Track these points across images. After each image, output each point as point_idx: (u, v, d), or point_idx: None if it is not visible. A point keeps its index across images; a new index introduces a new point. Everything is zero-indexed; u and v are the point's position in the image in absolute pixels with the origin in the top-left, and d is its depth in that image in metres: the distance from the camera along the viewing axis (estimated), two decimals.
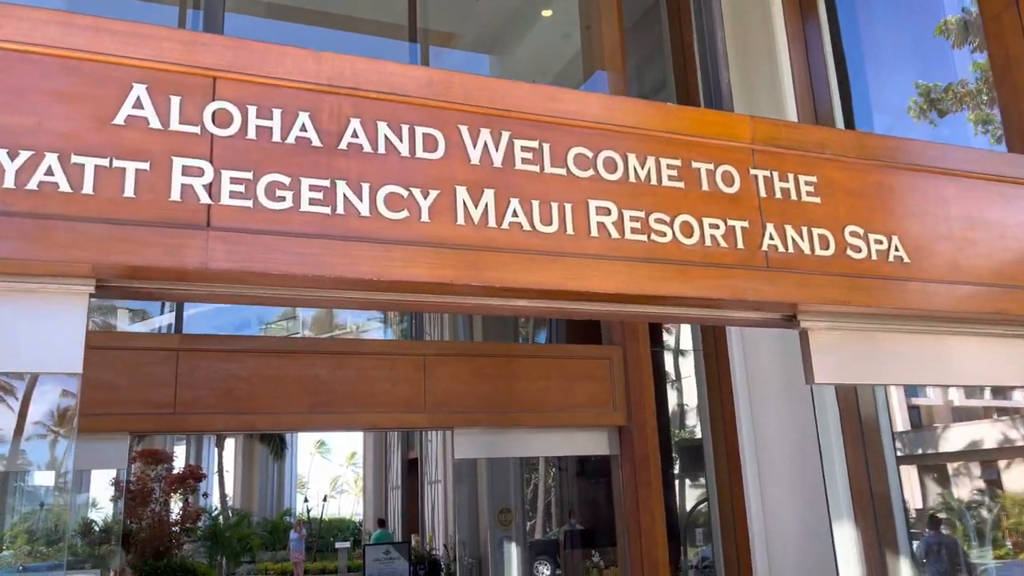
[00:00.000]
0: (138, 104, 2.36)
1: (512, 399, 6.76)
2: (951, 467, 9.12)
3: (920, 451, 9.02)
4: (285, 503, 31.93)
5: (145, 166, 2.32)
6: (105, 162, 2.28)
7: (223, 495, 26.43)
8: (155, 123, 2.36)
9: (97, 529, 18.01)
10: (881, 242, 3.20)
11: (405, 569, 12.56)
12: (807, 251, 3.05)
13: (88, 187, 2.25)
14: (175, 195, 2.33)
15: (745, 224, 3.00)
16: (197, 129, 2.41)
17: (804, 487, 7.04)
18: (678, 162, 2.96)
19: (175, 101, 2.39)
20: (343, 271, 2.41)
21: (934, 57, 7.44)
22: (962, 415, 9.32)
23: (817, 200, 3.15)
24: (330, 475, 62.53)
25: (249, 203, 2.39)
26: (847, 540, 6.52)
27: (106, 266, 2.25)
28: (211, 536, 19.60)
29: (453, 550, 12.74)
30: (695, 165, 2.99)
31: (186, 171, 2.35)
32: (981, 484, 8.98)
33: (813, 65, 7.14)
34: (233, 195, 2.38)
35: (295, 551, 21.67)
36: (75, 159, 2.25)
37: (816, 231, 3.11)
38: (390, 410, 6.38)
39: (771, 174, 3.09)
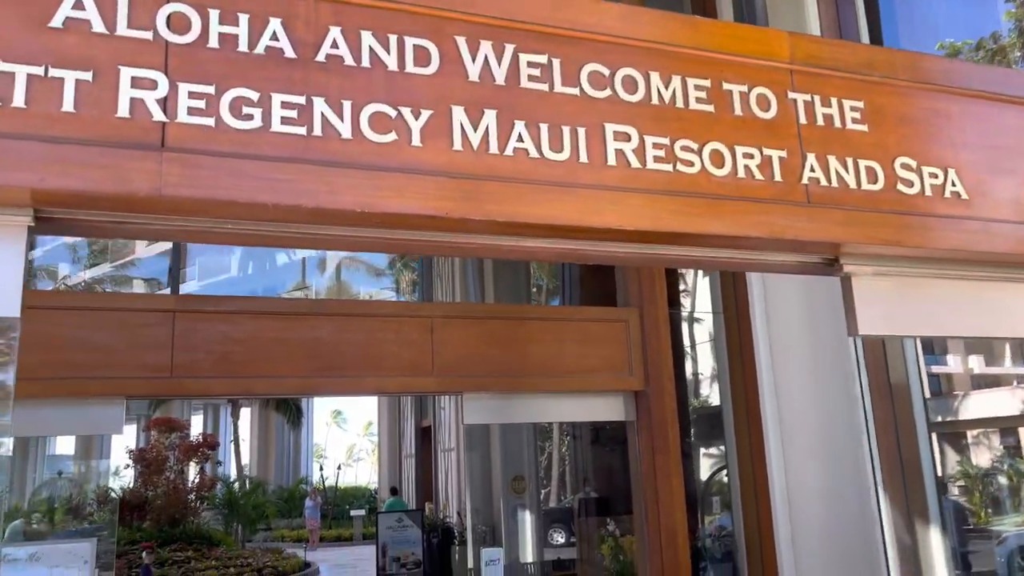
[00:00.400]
0: (79, 4, 2.01)
1: (524, 363, 6.44)
2: (971, 435, 8.79)
3: (940, 419, 8.68)
4: (301, 472, 32.05)
5: (87, 76, 1.98)
6: (39, 71, 1.94)
7: (239, 464, 26.48)
8: (99, 26, 2.02)
9: (115, 496, 18.00)
10: (936, 176, 2.82)
11: (418, 536, 12.37)
12: (852, 185, 2.68)
13: (20, 99, 1.91)
14: (123, 111, 1.98)
15: (783, 154, 2.62)
16: (149, 35, 2.06)
17: (830, 453, 6.70)
18: (707, 83, 2.58)
19: (123, 1, 2.04)
20: (321, 201, 2.07)
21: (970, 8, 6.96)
22: (983, 383, 8.96)
23: (864, 128, 2.77)
24: (346, 444, 63.01)
25: (211, 121, 2.05)
26: (875, 508, 6.19)
27: (44, 192, 1.92)
28: (227, 504, 19.59)
29: (466, 518, 12.52)
30: (726, 87, 2.62)
31: (136, 83, 2.01)
32: (1001, 451, 8.64)
33: (843, 18, 6.67)
34: (192, 112, 2.04)
35: (310, 518, 21.68)
36: (2, 67, 1.91)
37: (862, 163, 2.73)
38: (397, 374, 6.08)
39: (812, 98, 2.71)
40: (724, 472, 9.09)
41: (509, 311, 6.88)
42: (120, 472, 19.83)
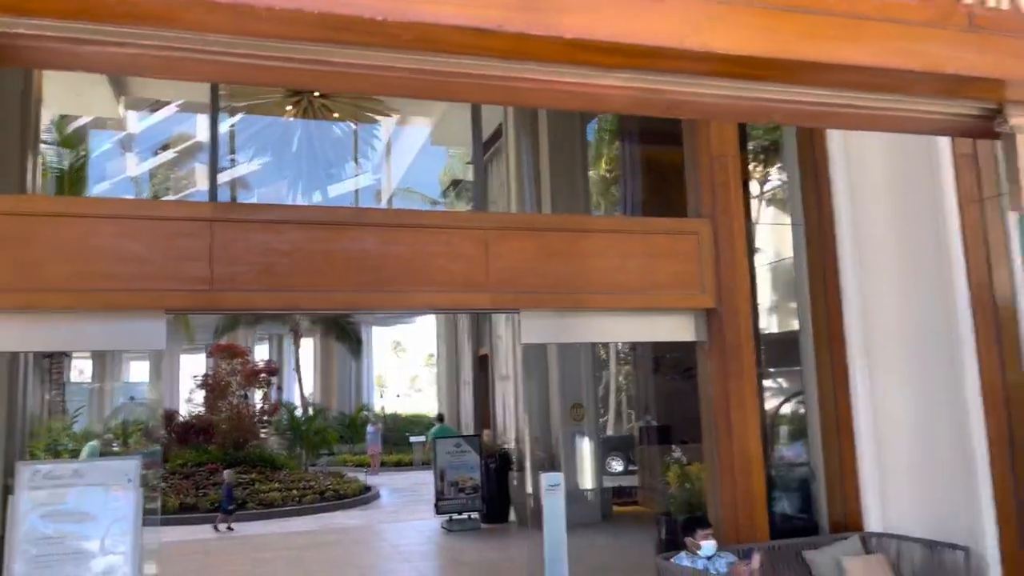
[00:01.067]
0: None
1: (585, 279, 5.90)
2: None
3: None
4: (363, 400, 32.47)
5: None
6: None
7: (301, 391, 26.88)
8: None
9: (182, 420, 18.34)
10: None
11: (476, 462, 12.17)
12: None
13: None
14: None
15: None
16: None
17: (924, 381, 6.04)
18: None
19: None
20: (329, 4, 1.53)
21: None
22: None
23: None
24: (407, 374, 63.96)
25: None
26: (975, 439, 5.54)
27: None
28: (290, 429, 19.83)
29: (524, 444, 12.25)
30: None
31: None
32: None
33: None
34: None
35: (372, 444, 21.87)
36: None
37: None
38: (448, 289, 5.60)
39: None
40: (796, 400, 8.49)
41: (569, 222, 6.31)
42: (191, 398, 20.22)
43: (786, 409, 8.62)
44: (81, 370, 43.88)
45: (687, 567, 5.23)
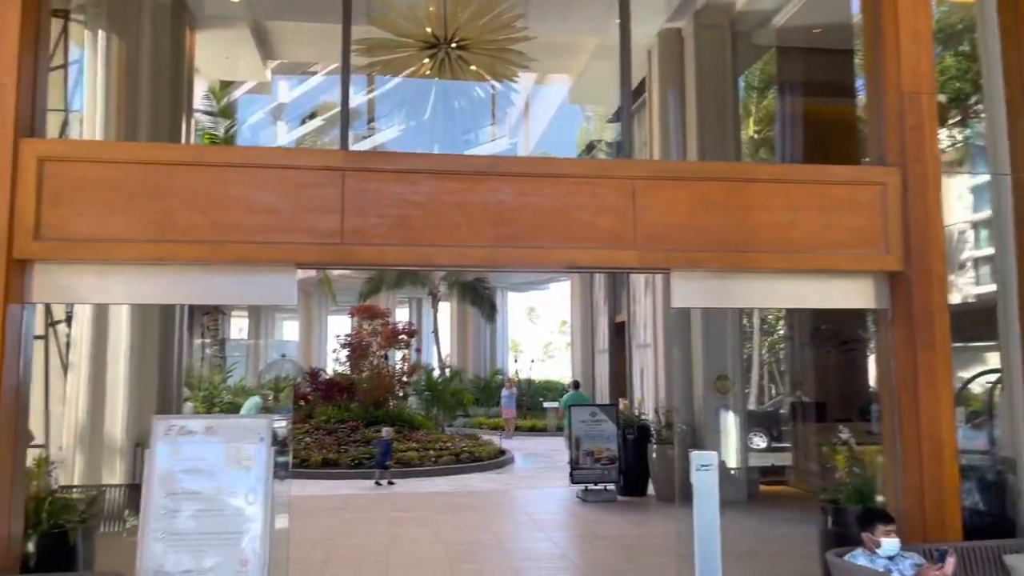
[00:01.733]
0: None
1: (746, 235, 5.17)
2: None
3: None
4: (497, 364, 32.65)
5: None
6: None
7: (439, 353, 27.23)
8: None
9: (327, 378, 18.89)
10: None
11: (612, 432, 11.64)
12: None
13: None
14: None
15: None
16: None
17: None
18: None
19: None
20: None
21: None
22: None
23: None
24: (541, 341, 64.24)
25: None
26: None
27: None
28: (427, 389, 20.06)
29: (665, 416, 11.58)
30: None
31: None
32: None
33: None
34: None
35: (507, 408, 21.83)
36: None
37: None
38: (592, 245, 5.05)
39: None
40: (987, 380, 7.36)
41: (729, 170, 5.55)
42: (336, 356, 20.77)
43: (973, 389, 7.51)
44: (241, 328, 46.90)
45: (865, 568, 4.49)
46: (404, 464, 14.43)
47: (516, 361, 29.42)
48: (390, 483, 13.07)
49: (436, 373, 21.43)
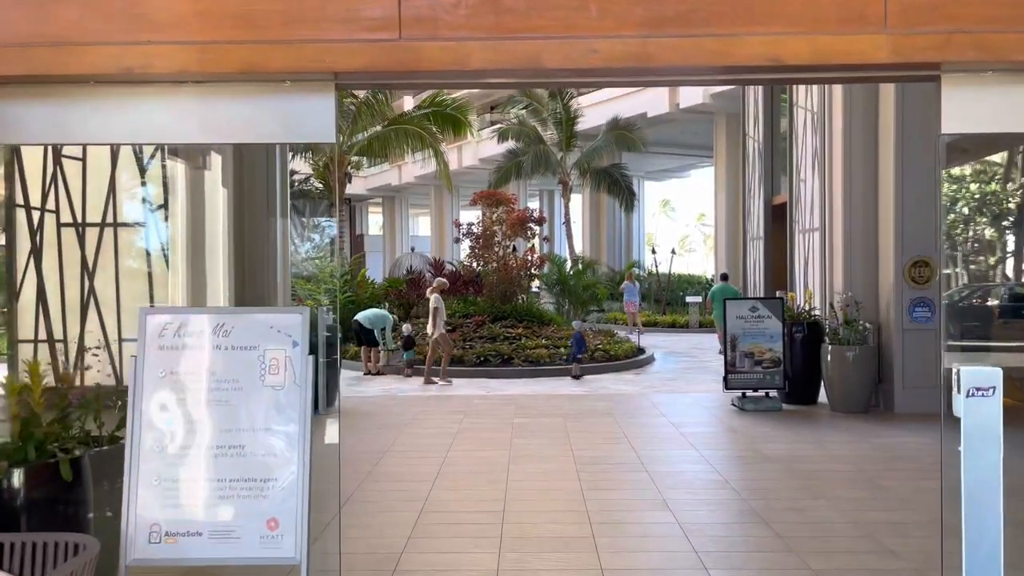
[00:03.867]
0: None
1: None
2: None
3: None
4: (633, 257, 30.52)
5: None
6: None
7: (571, 245, 25.41)
8: None
9: (450, 271, 17.55)
10: None
11: (777, 329, 9.53)
12: None
13: None
14: None
15: None
16: None
17: None
18: None
19: None
20: None
21: None
22: None
23: None
24: (678, 235, 61.02)
25: None
26: None
27: None
28: (558, 283, 18.41)
29: (843, 310, 9.31)
30: None
31: None
32: None
33: None
34: None
35: (628, 301, 19.86)
36: None
37: None
38: (811, 29, 2.95)
39: None
40: None
41: None
42: (461, 247, 19.35)
43: None
44: (378, 223, 47.03)
45: None
46: (533, 363, 12.98)
47: (654, 252, 27.11)
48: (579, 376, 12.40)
49: (568, 266, 19.65)
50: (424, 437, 8.04)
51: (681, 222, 65.81)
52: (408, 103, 25.26)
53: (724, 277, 15.55)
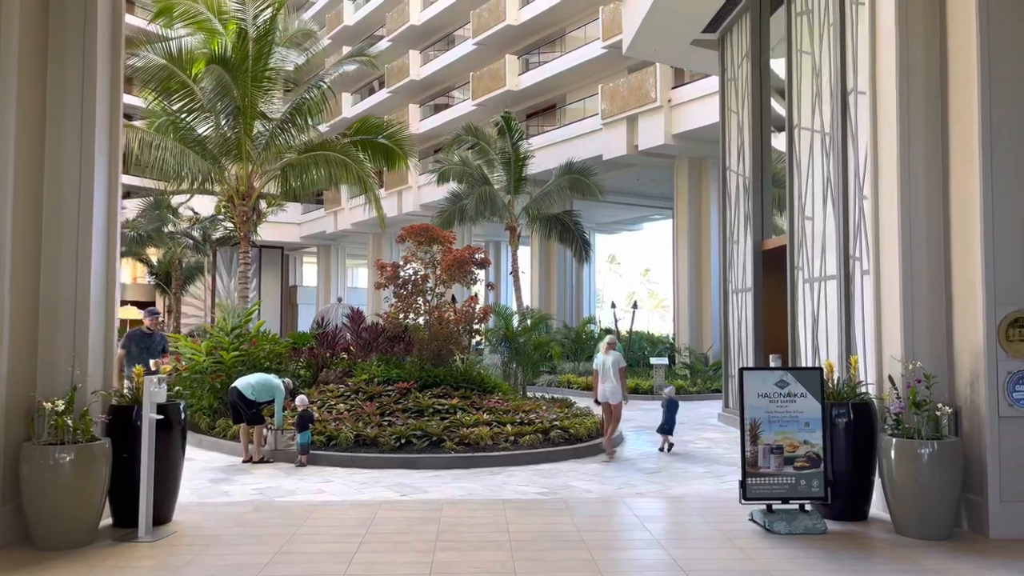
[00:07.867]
0: None
1: None
2: None
3: None
4: (584, 312, 27.58)
5: None
6: None
7: (518, 297, 22.27)
8: None
9: (371, 324, 14.16)
10: None
11: (816, 415, 6.46)
12: None
13: None
14: None
15: None
16: None
17: None
18: None
19: None
20: None
21: None
22: None
23: None
24: (625, 291, 58.55)
25: None
26: None
27: None
28: (505, 340, 15.16)
29: (910, 389, 6.29)
30: None
31: None
32: None
33: None
34: None
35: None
36: None
37: None
38: None
39: None
40: None
41: None
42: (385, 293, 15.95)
43: None
44: (314, 273, 43.04)
45: None
46: (471, 445, 9.64)
47: (613, 306, 24.10)
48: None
49: (516, 321, 16.44)
50: None
51: (627, 278, 63.50)
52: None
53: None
